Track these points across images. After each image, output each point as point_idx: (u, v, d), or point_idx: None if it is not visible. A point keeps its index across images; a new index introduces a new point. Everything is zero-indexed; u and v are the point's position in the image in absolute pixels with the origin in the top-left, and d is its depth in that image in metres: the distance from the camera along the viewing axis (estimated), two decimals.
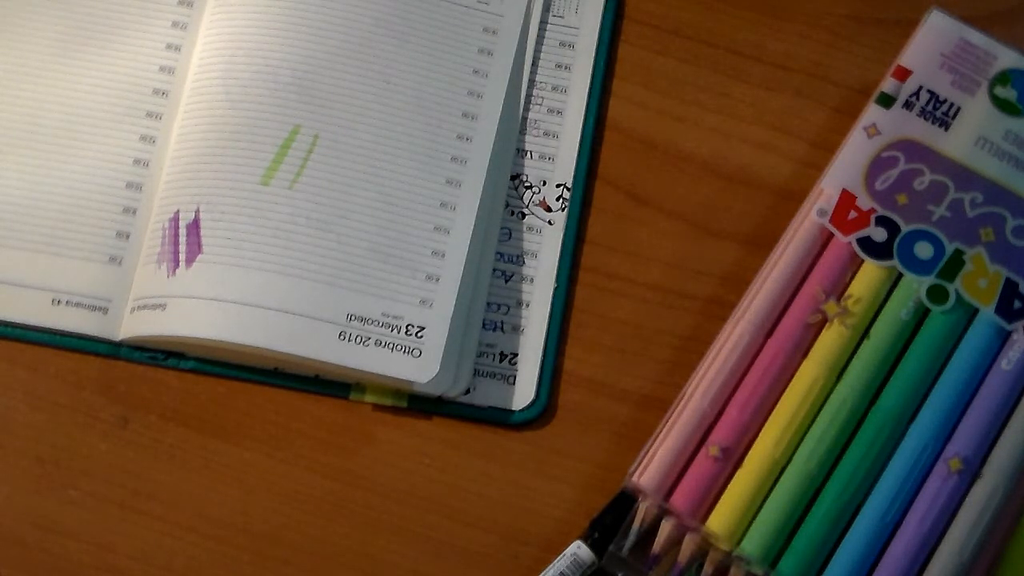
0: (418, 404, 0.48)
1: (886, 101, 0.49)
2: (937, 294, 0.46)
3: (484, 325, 0.49)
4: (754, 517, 0.44)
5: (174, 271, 0.48)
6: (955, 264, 0.47)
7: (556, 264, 0.50)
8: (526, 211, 0.51)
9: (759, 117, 0.53)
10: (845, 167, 0.48)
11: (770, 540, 0.44)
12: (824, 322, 0.46)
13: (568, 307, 0.50)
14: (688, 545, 0.44)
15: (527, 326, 0.49)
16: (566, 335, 0.49)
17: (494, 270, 0.50)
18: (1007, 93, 0.49)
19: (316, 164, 0.49)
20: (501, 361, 0.49)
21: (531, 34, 0.53)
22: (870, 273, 0.47)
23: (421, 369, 0.47)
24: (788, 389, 0.46)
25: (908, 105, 0.49)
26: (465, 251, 0.48)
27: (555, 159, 0.52)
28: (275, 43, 0.50)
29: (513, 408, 0.48)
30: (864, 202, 0.48)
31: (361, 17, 0.51)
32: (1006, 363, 0.46)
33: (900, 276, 0.47)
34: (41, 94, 0.51)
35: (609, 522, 0.45)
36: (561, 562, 0.45)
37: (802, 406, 0.45)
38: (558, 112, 0.52)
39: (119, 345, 0.49)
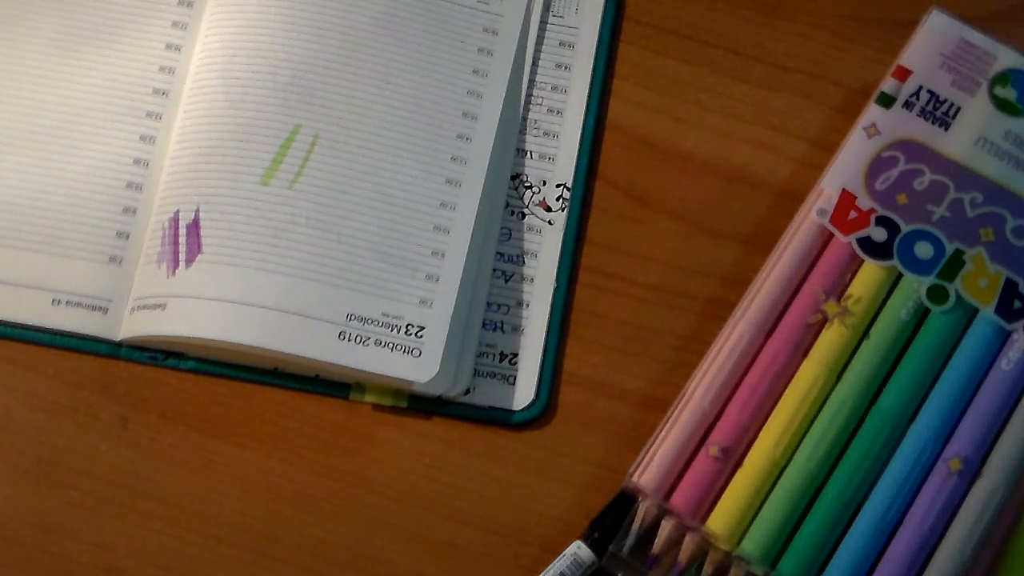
0: (418, 404, 0.48)
1: (886, 101, 0.49)
2: (937, 294, 0.46)
3: (484, 325, 0.49)
4: (754, 517, 0.44)
5: (174, 271, 0.48)
6: (955, 264, 0.47)
7: (556, 264, 0.50)
8: (526, 211, 0.51)
9: (759, 117, 0.53)
10: (845, 167, 0.48)
11: (770, 540, 0.44)
12: (824, 322, 0.46)
13: (568, 307, 0.50)
14: (688, 545, 0.44)
15: (527, 326, 0.49)
16: (566, 335, 0.49)
17: (494, 270, 0.50)
18: (1007, 93, 0.49)
19: (316, 164, 0.49)
20: (501, 361, 0.49)
21: (531, 34, 0.53)
22: (870, 273, 0.47)
23: (421, 369, 0.47)
24: (788, 389, 0.46)
25: (908, 105, 0.49)
26: (465, 251, 0.48)
27: (555, 159, 0.52)
28: (275, 43, 0.50)
29: (513, 408, 0.48)
30: (864, 202, 0.48)
31: (361, 17, 0.51)
32: (1006, 363, 0.46)
33: (900, 276, 0.47)
34: (41, 94, 0.51)
35: (609, 522, 0.45)
36: (561, 562, 0.45)
37: (802, 406, 0.45)
38: (558, 112, 0.52)
39: (119, 345, 0.48)
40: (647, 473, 0.45)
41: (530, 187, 0.51)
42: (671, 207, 0.51)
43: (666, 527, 0.44)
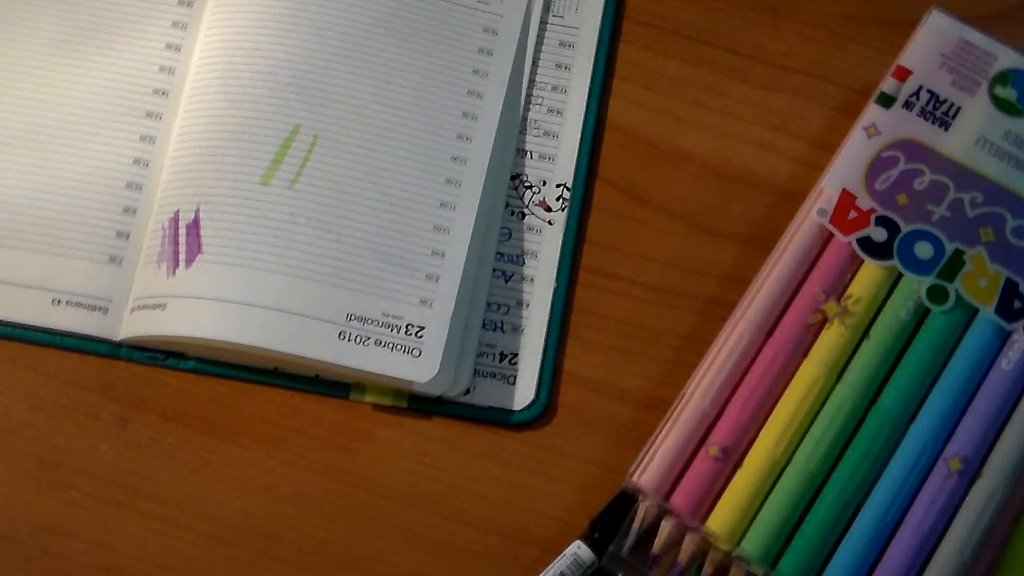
0: (418, 404, 0.48)
1: (886, 101, 0.49)
2: (937, 294, 0.46)
3: (484, 325, 0.49)
4: (754, 517, 0.44)
5: (174, 271, 0.48)
6: (955, 264, 0.47)
7: (556, 264, 0.50)
8: (526, 211, 0.51)
9: (759, 117, 0.53)
10: (845, 167, 0.48)
11: (770, 540, 0.44)
12: (824, 322, 0.46)
13: (568, 307, 0.50)
14: (688, 545, 0.44)
15: (527, 326, 0.49)
16: (566, 335, 0.49)
17: (494, 270, 0.50)
18: (1007, 93, 0.49)
19: (316, 164, 0.49)
20: (501, 361, 0.49)
21: (531, 34, 0.53)
22: (870, 273, 0.47)
23: (421, 369, 0.47)
24: (788, 389, 0.46)
25: (908, 105, 0.49)
26: (465, 251, 0.48)
27: (555, 159, 0.52)
28: (275, 43, 0.50)
29: (513, 408, 0.48)
30: (864, 202, 0.48)
31: (361, 17, 0.51)
32: (1006, 363, 0.46)
33: (900, 276, 0.47)
34: (41, 94, 0.51)
35: (609, 522, 0.45)
36: (561, 562, 0.45)
37: (802, 406, 0.45)
38: (558, 112, 0.52)
39: (119, 345, 0.48)
40: (647, 473, 0.45)
41: (530, 187, 0.51)
42: (671, 207, 0.51)
43: (666, 527, 0.44)
